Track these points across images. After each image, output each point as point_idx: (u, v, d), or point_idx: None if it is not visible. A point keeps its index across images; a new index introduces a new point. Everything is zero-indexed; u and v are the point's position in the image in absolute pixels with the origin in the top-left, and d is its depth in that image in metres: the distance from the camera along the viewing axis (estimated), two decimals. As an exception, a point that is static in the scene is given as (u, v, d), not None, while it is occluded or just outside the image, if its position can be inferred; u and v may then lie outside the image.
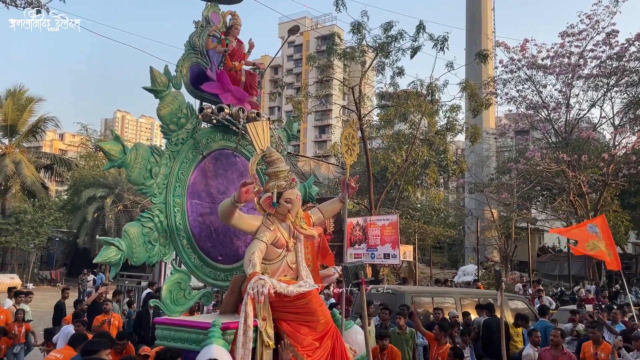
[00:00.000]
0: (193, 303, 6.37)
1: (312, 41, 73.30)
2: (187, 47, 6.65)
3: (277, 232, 5.75)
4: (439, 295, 11.28)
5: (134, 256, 5.72)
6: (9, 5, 12.38)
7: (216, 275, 6.52)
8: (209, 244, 6.48)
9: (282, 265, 5.78)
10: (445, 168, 25.47)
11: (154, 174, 6.02)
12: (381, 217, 19.36)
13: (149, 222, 5.96)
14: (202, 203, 6.49)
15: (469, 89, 21.75)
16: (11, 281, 29.01)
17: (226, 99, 6.59)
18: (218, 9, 7.06)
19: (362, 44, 21.54)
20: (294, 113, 31.13)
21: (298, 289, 5.42)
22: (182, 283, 6.09)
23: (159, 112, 6.24)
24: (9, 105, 32.87)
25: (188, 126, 6.35)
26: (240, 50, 6.89)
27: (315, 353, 5.41)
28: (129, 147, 5.87)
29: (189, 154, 6.41)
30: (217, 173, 6.69)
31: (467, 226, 32.67)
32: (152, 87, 6.06)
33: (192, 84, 6.60)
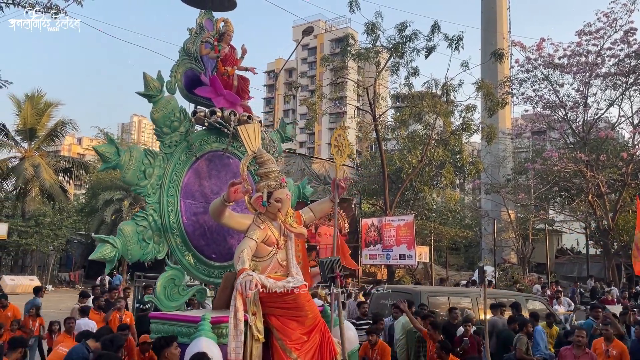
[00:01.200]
0: (187, 299, 6.66)
1: (326, 44, 73.36)
2: (182, 53, 6.96)
3: (267, 231, 5.97)
4: (455, 295, 11.17)
5: (129, 253, 6.02)
6: (28, 9, 12.58)
7: (210, 273, 6.77)
8: (203, 243, 6.74)
9: (272, 263, 6.01)
10: (461, 169, 25.28)
11: (147, 175, 6.30)
12: (396, 217, 19.30)
13: (143, 221, 6.24)
14: (196, 203, 6.74)
15: (485, 88, 21.58)
16: (31, 283, 29.41)
17: (219, 102, 6.86)
18: (212, 16, 7.38)
19: (376, 44, 21.51)
20: (309, 115, 31.18)
21: (286, 285, 5.65)
22: (176, 280, 6.37)
23: (153, 116, 6.53)
24: (27, 110, 33.40)
25: (181, 129, 6.65)
26: (233, 56, 7.20)
27: (303, 347, 5.63)
28: (123, 149, 6.15)
29: (182, 156, 6.69)
30: (210, 174, 6.95)
31: (483, 227, 32.36)
32: (146, 92, 6.36)
33: (187, 88, 6.91)
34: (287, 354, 5.58)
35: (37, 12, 12.58)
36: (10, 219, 31.77)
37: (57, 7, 12.50)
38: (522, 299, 11.33)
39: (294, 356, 5.58)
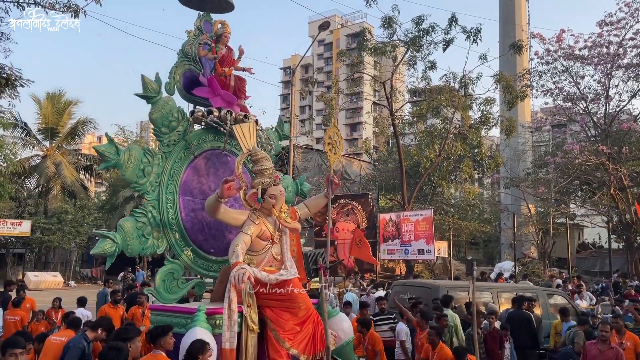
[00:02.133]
0: (185, 292, 6.90)
1: (342, 39, 73.18)
2: (180, 55, 7.19)
3: (262, 226, 6.17)
4: (476, 289, 11.07)
5: (129, 248, 6.26)
6: (48, 9, 12.75)
7: (209, 267, 7.00)
8: (202, 238, 6.97)
9: (267, 257, 6.20)
10: (480, 163, 25.03)
11: (146, 173, 6.53)
12: (415, 212, 19.21)
13: (143, 217, 6.47)
14: (194, 200, 6.96)
15: (504, 81, 21.32)
16: (54, 279, 30.00)
17: (216, 102, 7.05)
18: (210, 18, 7.60)
19: (393, 38, 21.39)
20: (325, 111, 31.14)
21: (278, 277, 5.90)
22: (175, 273, 6.62)
23: (151, 116, 6.78)
24: (48, 109, 33.94)
25: (179, 129, 6.87)
26: (230, 57, 7.41)
27: (296, 337, 5.90)
28: (123, 149, 6.41)
29: (180, 154, 6.92)
30: (208, 171, 7.17)
31: (503, 222, 32.02)
32: (144, 93, 6.60)
33: (186, 88, 7.15)
34: (280, 344, 5.83)
35: (57, 11, 12.74)
36: (33, 216, 32.36)
37: (76, 6, 12.64)
38: (543, 294, 11.22)
39: (287, 346, 5.83)
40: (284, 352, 5.85)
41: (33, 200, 35.16)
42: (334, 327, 6.58)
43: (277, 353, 5.85)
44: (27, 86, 13.61)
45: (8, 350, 4.27)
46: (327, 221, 7.27)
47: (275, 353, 5.86)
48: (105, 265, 29.99)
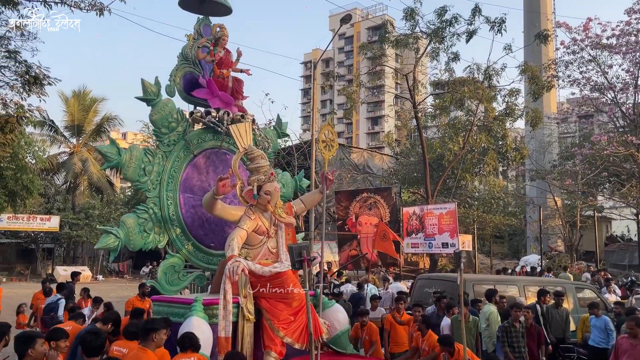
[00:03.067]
0: (187, 284, 7.29)
1: (363, 32, 72.76)
2: (180, 58, 7.51)
3: (258, 221, 6.48)
4: (502, 283, 10.96)
5: (131, 243, 6.62)
6: (73, 8, 12.93)
7: (209, 260, 7.32)
8: (202, 233, 7.30)
9: (263, 250, 6.54)
10: (505, 155, 24.68)
11: (147, 172, 6.87)
12: (438, 206, 19.01)
13: (144, 213, 6.82)
14: (195, 196, 7.24)
15: (529, 72, 20.94)
16: (82, 273, 30.62)
17: (214, 103, 7.36)
18: (209, 22, 7.90)
19: (415, 30, 21.16)
20: (346, 105, 31.02)
21: (272, 270, 6.20)
22: (177, 266, 6.99)
23: (151, 118, 7.11)
24: (74, 106, 34.55)
25: (179, 129, 7.19)
26: (228, 59, 7.66)
27: (290, 326, 6.22)
28: (124, 149, 6.75)
29: (180, 153, 7.25)
30: (208, 169, 7.49)
31: (528, 215, 31.58)
32: (144, 96, 6.90)
33: (186, 90, 7.45)
34: (275, 333, 6.16)
35: (82, 10, 12.91)
36: (62, 212, 33.05)
37: (101, 4, 12.80)
38: (572, 287, 11.03)
39: (281, 334, 6.15)
40: (278, 341, 6.15)
41: (61, 196, 35.91)
42: (329, 317, 6.93)
43: (272, 341, 6.14)
44: (54, 85, 13.85)
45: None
46: (322, 217, 7.69)
47: (270, 341, 6.15)
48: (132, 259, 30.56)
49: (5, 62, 13.32)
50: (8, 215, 28.59)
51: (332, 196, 24.64)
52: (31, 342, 4.21)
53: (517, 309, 7.98)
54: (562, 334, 9.13)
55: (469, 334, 8.10)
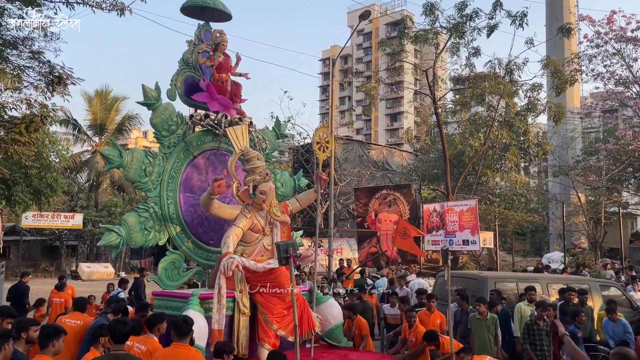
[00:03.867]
0: (186, 279, 7.62)
1: (382, 28, 72.37)
2: (181, 63, 7.82)
3: (253, 219, 6.78)
4: (524, 280, 10.80)
5: (132, 240, 6.97)
6: (95, 8, 13.08)
7: (209, 257, 7.63)
8: (201, 230, 7.63)
9: (258, 247, 6.86)
10: (527, 151, 24.33)
11: (148, 173, 7.21)
12: (459, 202, 18.85)
13: (145, 212, 7.15)
14: (194, 196, 7.56)
15: (552, 66, 20.60)
16: (105, 270, 31.15)
17: (213, 106, 7.71)
18: (210, 28, 8.19)
19: (435, 25, 20.98)
20: (365, 101, 30.89)
21: (266, 266, 6.48)
22: (177, 262, 7.33)
23: (152, 121, 7.43)
24: (97, 105, 35.05)
25: (179, 132, 7.52)
26: (227, 64, 7.99)
27: (283, 320, 6.51)
28: (125, 151, 7.10)
29: (180, 155, 7.58)
30: (207, 169, 7.82)
31: (551, 211, 31.09)
32: (145, 101, 7.24)
33: (187, 94, 7.78)
34: (269, 326, 6.48)
35: (104, 10, 13.05)
36: (85, 209, 33.60)
37: (122, 4, 12.92)
38: (596, 285, 10.83)
39: (275, 328, 6.48)
40: (272, 334, 6.47)
41: (84, 194, 36.51)
42: (324, 312, 7.26)
43: (266, 334, 6.46)
44: (77, 84, 14.05)
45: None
46: (317, 215, 8.06)
47: (264, 334, 6.47)
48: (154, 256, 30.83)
49: (29, 62, 13.54)
50: (33, 213, 29.15)
51: (351, 193, 24.58)
52: (57, 335, 4.37)
53: (541, 307, 7.86)
54: (588, 332, 8.97)
55: (488, 331, 8.02)
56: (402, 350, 7.55)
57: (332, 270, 16.11)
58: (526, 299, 8.98)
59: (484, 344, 7.87)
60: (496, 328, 8.13)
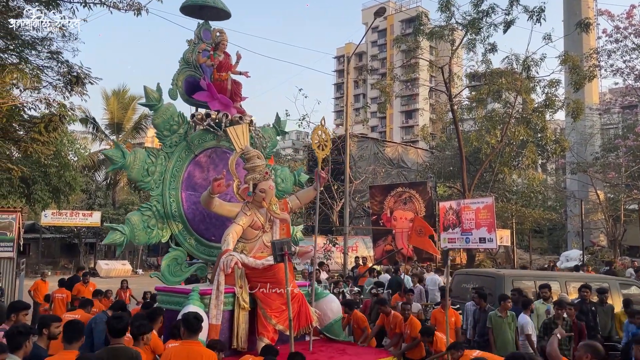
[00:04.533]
0: (188, 275, 7.74)
1: (397, 25, 71.96)
2: (182, 62, 7.92)
3: (253, 217, 6.93)
4: (542, 278, 10.68)
5: (136, 238, 7.13)
6: (112, 8, 13.20)
7: (210, 252, 7.76)
8: (203, 227, 7.78)
9: (258, 244, 7.01)
10: (544, 148, 24.04)
11: (150, 172, 7.35)
12: (475, 200, 18.69)
13: (148, 210, 7.31)
14: (196, 193, 7.68)
15: (570, 62, 20.32)
16: (123, 267, 31.50)
17: (214, 105, 7.79)
18: (209, 27, 8.27)
19: (450, 21, 20.81)
20: (380, 99, 30.79)
21: (264, 263, 6.68)
22: (179, 259, 7.47)
23: (154, 122, 7.62)
24: (114, 104, 35.40)
25: (180, 131, 7.65)
26: (228, 62, 8.05)
27: (282, 315, 6.68)
28: (128, 152, 7.21)
29: (182, 154, 7.72)
30: (209, 167, 7.97)
31: (569, 209, 30.72)
32: (147, 102, 7.42)
33: (188, 93, 7.89)
34: (268, 321, 6.68)
35: (121, 10, 13.16)
36: (103, 207, 33.99)
37: (138, 4, 13.02)
38: (616, 284, 10.67)
39: (274, 322, 6.68)
40: (270, 328, 6.67)
41: (102, 192, 36.91)
42: (323, 307, 7.45)
43: (265, 328, 6.66)
44: (95, 84, 14.19)
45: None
46: (315, 212, 8.17)
47: (263, 328, 6.67)
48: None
49: (48, 62, 13.70)
50: (52, 211, 29.57)
51: (366, 191, 24.53)
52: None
53: (559, 306, 7.76)
54: (607, 332, 8.85)
55: (508, 329, 7.96)
56: (399, 345, 7.65)
57: (347, 268, 16.11)
58: (541, 297, 8.88)
59: (506, 341, 7.82)
60: (515, 325, 8.07)
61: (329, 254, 19.92)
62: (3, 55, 13.26)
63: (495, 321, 8.01)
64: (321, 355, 6.80)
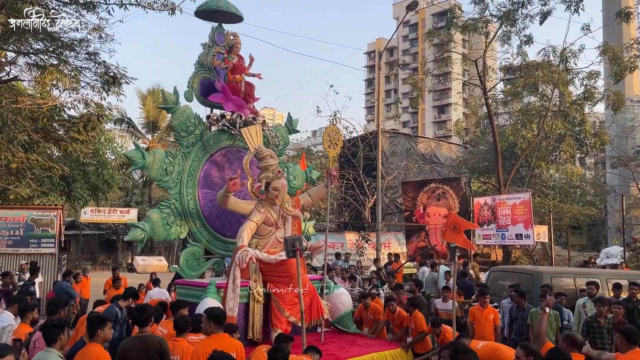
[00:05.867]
0: (206, 269, 8.15)
1: (428, 18, 71.06)
2: (197, 65, 8.26)
3: (267, 214, 7.27)
4: (582, 275, 10.39)
5: (156, 235, 7.52)
6: (147, 9, 13.44)
7: (226, 248, 8.15)
8: (219, 224, 8.14)
9: (272, 240, 7.35)
10: (583, 141, 23.36)
11: (169, 172, 7.71)
12: (511, 195, 18.33)
13: (167, 208, 7.68)
14: (212, 191, 8.02)
15: (610, 52, 19.66)
16: (159, 263, 32.13)
17: (228, 107, 8.17)
18: (223, 30, 8.63)
19: (484, 13, 20.40)
20: (411, 94, 30.43)
21: (277, 258, 6.97)
22: (196, 254, 7.87)
23: (172, 124, 8.09)
24: (149, 104, 36.08)
25: (196, 132, 8.01)
26: (241, 65, 8.37)
27: (294, 307, 6.97)
28: (148, 153, 7.60)
29: (198, 153, 8.07)
30: (224, 166, 8.32)
31: (609, 204, 29.79)
32: (165, 105, 7.82)
33: (203, 95, 8.23)
34: (281, 313, 7.02)
35: (155, 10, 13.39)
36: (139, 205, 34.73)
37: (172, 4, 13.23)
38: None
39: (287, 314, 7.02)
40: (284, 320, 7.00)
41: (138, 189, 37.73)
42: (334, 300, 7.82)
43: (279, 320, 6.99)
44: (131, 83, 14.51)
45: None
46: (327, 210, 8.89)
47: (277, 320, 6.99)
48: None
49: (85, 63, 14.06)
50: (91, 208, 30.44)
51: (399, 187, 24.33)
52: (102, 324, 4.56)
53: (599, 303, 7.53)
54: None
55: (550, 328, 7.76)
56: (404, 339, 7.82)
57: (381, 267, 16.00)
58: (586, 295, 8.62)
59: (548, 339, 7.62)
60: (558, 324, 7.86)
61: (361, 251, 19.85)
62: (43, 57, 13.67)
63: (535, 318, 7.82)
64: (332, 346, 7.07)
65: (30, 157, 14.30)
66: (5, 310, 6.30)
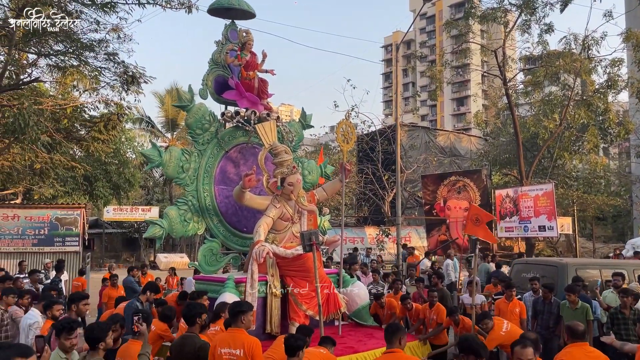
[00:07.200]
0: (224, 264, 8.25)
1: (445, 10, 70.33)
2: (211, 63, 8.33)
3: (282, 209, 7.29)
4: (608, 267, 10.17)
5: (174, 231, 7.60)
6: (165, 7, 13.53)
7: (243, 243, 8.23)
8: (235, 219, 8.23)
9: (288, 235, 7.38)
10: (607, 131, 22.88)
11: (185, 169, 7.77)
12: (534, 187, 18.06)
13: (184, 205, 7.77)
14: (228, 188, 8.09)
15: (633, 39, 19.19)
16: (181, 260, 32.47)
17: (242, 104, 8.21)
18: (235, 27, 8.68)
19: (503, 3, 20.07)
20: (429, 87, 30.19)
21: (294, 252, 7.02)
22: (214, 249, 7.96)
23: (187, 121, 8.06)
24: (168, 102, 36.37)
25: (211, 129, 8.07)
26: (254, 61, 8.41)
27: (312, 301, 7.04)
28: (164, 151, 7.69)
29: (214, 150, 8.13)
30: (239, 162, 8.42)
31: (635, 194, 29.17)
32: (180, 103, 7.91)
33: (217, 91, 8.29)
34: (298, 307, 7.09)
35: (173, 8, 13.47)
36: (160, 203, 35.09)
37: (189, 2, 13.29)
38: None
39: (304, 308, 7.09)
40: (301, 313, 7.08)
41: (159, 188, 38.11)
42: (351, 293, 7.88)
43: (296, 314, 7.07)
44: (150, 83, 14.64)
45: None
46: (342, 204, 8.45)
47: (294, 314, 7.08)
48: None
49: (105, 63, 14.22)
50: (114, 207, 30.84)
51: (418, 180, 24.15)
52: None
53: (623, 294, 7.36)
54: None
55: (579, 320, 7.59)
56: (422, 329, 7.89)
57: (401, 261, 15.88)
58: (612, 286, 8.44)
59: None
60: (588, 317, 7.70)
61: (381, 245, 19.77)
62: (64, 58, 13.86)
63: (565, 313, 7.67)
64: (350, 339, 7.15)
65: (53, 157, 14.54)
66: (33, 308, 6.41)
